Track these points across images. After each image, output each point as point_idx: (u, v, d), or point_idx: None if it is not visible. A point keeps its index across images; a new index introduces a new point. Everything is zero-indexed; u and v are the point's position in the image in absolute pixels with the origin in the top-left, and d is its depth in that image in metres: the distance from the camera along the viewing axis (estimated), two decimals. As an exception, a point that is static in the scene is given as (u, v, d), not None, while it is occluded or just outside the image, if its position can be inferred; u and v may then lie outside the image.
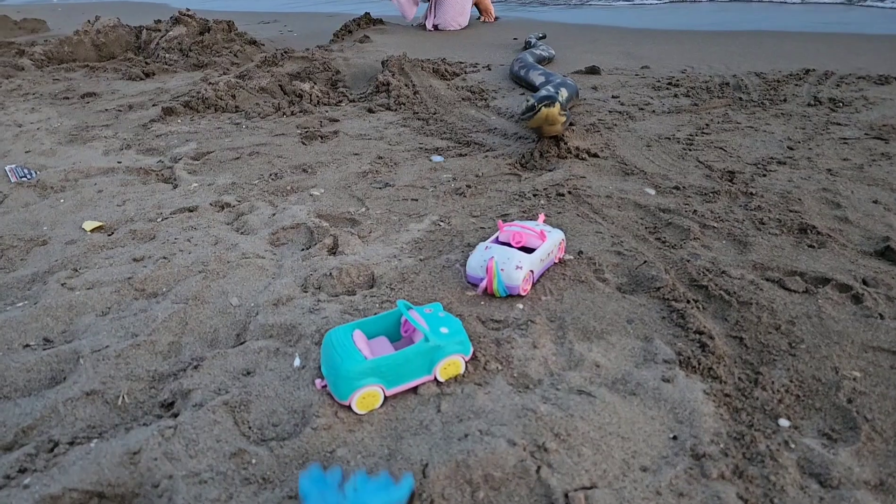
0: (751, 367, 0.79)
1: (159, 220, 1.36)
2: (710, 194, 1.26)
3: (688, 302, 0.92)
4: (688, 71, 2.18)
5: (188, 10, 3.41)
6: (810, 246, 1.05)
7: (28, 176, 1.64)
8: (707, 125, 1.65)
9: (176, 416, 0.80)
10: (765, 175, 1.33)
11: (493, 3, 3.75)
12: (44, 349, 0.95)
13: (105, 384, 0.85)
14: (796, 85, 1.88)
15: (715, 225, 1.14)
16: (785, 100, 1.77)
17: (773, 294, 0.92)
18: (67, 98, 2.46)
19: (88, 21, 3.44)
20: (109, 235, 1.30)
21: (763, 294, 0.92)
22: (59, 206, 1.45)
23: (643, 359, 0.82)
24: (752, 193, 1.24)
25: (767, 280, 0.96)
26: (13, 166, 1.70)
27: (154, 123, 2.05)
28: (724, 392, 0.75)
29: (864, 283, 0.93)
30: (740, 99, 1.81)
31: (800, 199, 1.20)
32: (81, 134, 1.99)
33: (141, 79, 2.70)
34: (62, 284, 1.09)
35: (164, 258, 1.17)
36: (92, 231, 1.32)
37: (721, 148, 1.49)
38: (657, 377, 0.78)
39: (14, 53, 3.33)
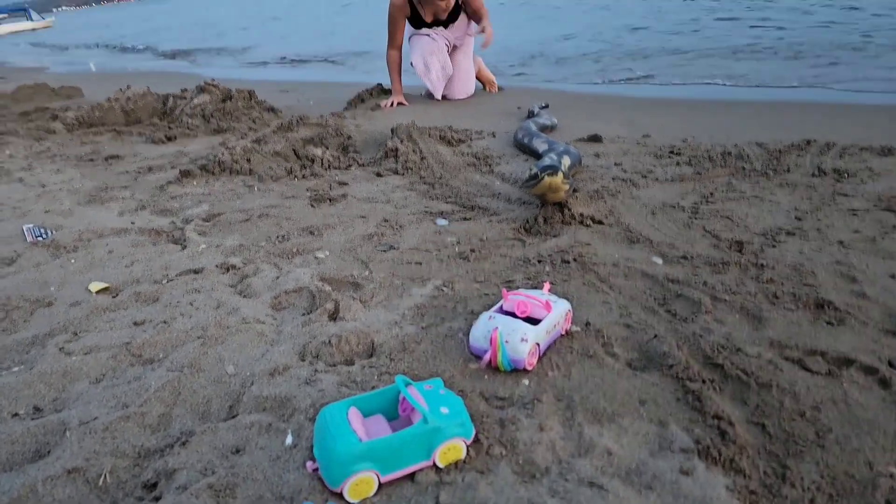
0: (776, 460, 0.71)
1: (164, 281, 1.33)
2: (720, 265, 1.21)
3: (703, 382, 0.85)
4: (689, 140, 2.18)
5: (213, 80, 3.53)
6: (829, 323, 0.98)
7: (43, 236, 1.63)
8: (711, 194, 1.62)
9: (157, 499, 0.73)
10: (774, 246, 1.28)
11: (495, 74, 3.86)
12: (32, 419, 0.89)
13: (88, 461, 0.79)
14: (798, 155, 1.87)
15: (726, 298, 1.08)
16: (788, 170, 1.74)
17: (794, 375, 0.85)
18: (92, 160, 2.51)
19: (120, 89, 3.57)
20: (114, 297, 1.26)
21: (783, 375, 0.85)
22: (69, 267, 1.43)
23: (658, 446, 0.74)
24: (762, 265, 1.19)
25: (787, 359, 0.89)
26: (30, 226, 1.69)
27: (170, 185, 2.06)
28: (749, 489, 0.67)
29: (891, 364, 0.86)
30: (743, 168, 1.79)
31: (813, 272, 1.14)
32: (100, 195, 2.00)
33: (163, 142, 2.76)
34: (60, 349, 1.04)
35: (165, 322, 1.13)
36: (97, 293, 1.29)
37: (727, 217, 1.45)
38: (675, 468, 0.70)
39: (48, 118, 3.44)
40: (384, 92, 3.56)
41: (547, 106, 2.95)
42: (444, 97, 3.51)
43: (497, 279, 1.24)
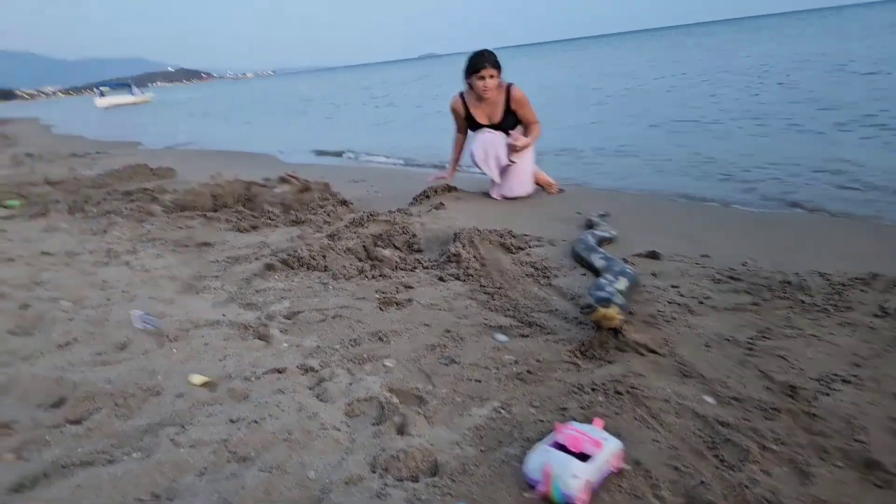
0: None
1: (253, 379, 1.56)
2: (771, 411, 1.30)
3: (744, 536, 0.94)
4: (749, 264, 2.28)
5: (294, 172, 4.01)
6: (876, 485, 1.05)
7: (150, 323, 1.92)
8: (768, 329, 1.71)
9: None
10: (828, 394, 1.36)
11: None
12: (149, 505, 1.09)
13: (196, 551, 0.97)
14: (862, 290, 1.93)
15: (775, 448, 1.17)
16: (850, 307, 1.81)
17: (834, 539, 0.93)
18: (186, 245, 2.90)
19: (212, 176, 4.11)
20: (211, 392, 1.49)
21: (823, 538, 0.93)
22: (171, 357, 1.69)
23: None
24: (814, 415, 1.27)
25: (828, 521, 0.97)
26: (139, 312, 2.00)
27: (255, 278, 2.36)
28: None
29: (935, 538, 0.92)
30: (803, 302, 1.87)
31: (865, 428, 1.22)
32: (195, 284, 2.33)
33: (247, 231, 3.15)
34: (171, 440, 1.26)
35: (256, 422, 1.34)
36: (198, 385, 1.53)
37: (782, 357, 1.54)
38: None
39: (148, 199, 3.98)
40: (448, 190, 3.90)
41: (607, 214, 3.15)
42: (503, 197, 3.81)
43: (552, 405, 1.38)
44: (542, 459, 1.09)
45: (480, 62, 3.59)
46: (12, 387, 1.59)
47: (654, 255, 2.44)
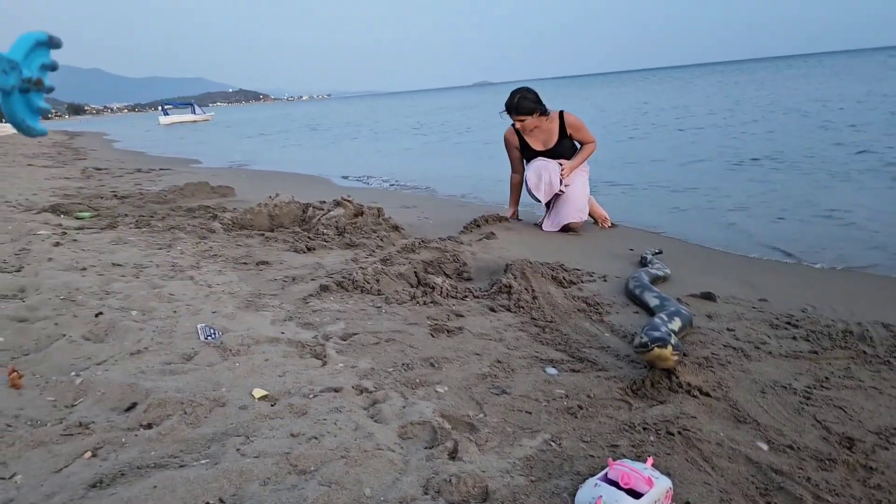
0: None
1: (311, 396, 1.66)
2: (827, 461, 1.30)
3: (797, 586, 0.96)
4: (808, 311, 2.26)
5: (349, 196, 4.20)
6: (938, 547, 1.05)
7: (213, 336, 2.08)
8: (827, 378, 1.70)
9: None
10: (887, 448, 1.35)
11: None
12: (218, 508, 1.20)
13: (264, 554, 1.06)
14: (930, 344, 1.89)
15: (829, 499, 1.18)
16: (917, 360, 1.78)
17: None
18: (245, 264, 3.09)
19: (270, 196, 4.35)
20: (272, 406, 1.61)
21: None
22: (235, 370, 1.83)
23: None
24: (871, 468, 1.27)
25: (886, 579, 0.98)
26: (203, 325, 2.17)
27: (312, 298, 2.50)
28: None
29: None
30: (864, 353, 1.85)
31: (927, 487, 1.21)
32: (255, 301, 2.49)
33: (304, 252, 3.32)
34: (237, 450, 1.38)
35: (315, 438, 1.44)
36: (259, 399, 1.65)
37: (841, 408, 1.53)
38: None
39: (209, 217, 4.25)
40: (499, 220, 3.99)
41: (660, 252, 3.16)
42: (554, 228, 3.87)
43: (602, 441, 1.42)
44: (593, 493, 1.14)
45: (512, 109, 3.80)
46: (89, 390, 1.75)
47: (709, 297, 2.45)
